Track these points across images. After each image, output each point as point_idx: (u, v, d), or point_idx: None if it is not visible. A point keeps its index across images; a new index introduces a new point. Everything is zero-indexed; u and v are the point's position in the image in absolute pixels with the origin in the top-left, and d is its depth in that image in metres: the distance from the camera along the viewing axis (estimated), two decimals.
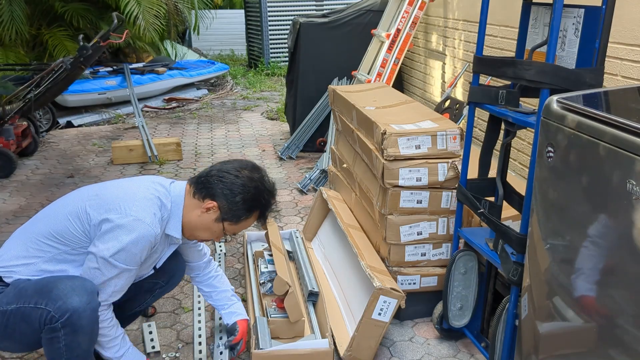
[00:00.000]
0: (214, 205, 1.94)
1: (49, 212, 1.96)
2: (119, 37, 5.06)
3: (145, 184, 1.97)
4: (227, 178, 1.95)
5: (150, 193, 1.92)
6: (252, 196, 1.96)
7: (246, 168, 2.00)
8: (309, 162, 5.18)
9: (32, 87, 4.97)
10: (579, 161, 1.49)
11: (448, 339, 2.57)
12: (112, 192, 1.93)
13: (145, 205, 1.87)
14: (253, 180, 1.97)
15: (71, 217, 1.86)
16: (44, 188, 4.58)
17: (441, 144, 2.49)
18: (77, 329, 1.77)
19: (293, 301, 2.42)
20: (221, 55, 12.42)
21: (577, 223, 1.51)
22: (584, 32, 1.93)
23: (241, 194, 1.94)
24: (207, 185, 1.95)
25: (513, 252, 2.02)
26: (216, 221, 1.97)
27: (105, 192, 1.94)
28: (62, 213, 1.89)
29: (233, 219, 1.98)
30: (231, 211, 1.95)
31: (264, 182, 2.00)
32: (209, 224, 1.98)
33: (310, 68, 5.29)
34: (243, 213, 1.97)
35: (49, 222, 1.90)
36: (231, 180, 1.94)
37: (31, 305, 1.76)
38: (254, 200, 1.97)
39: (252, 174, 1.98)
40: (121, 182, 2.03)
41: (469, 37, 4.51)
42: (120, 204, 1.85)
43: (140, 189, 1.93)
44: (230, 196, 1.93)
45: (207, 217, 1.96)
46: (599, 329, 1.44)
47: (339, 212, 3.02)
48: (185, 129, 6.49)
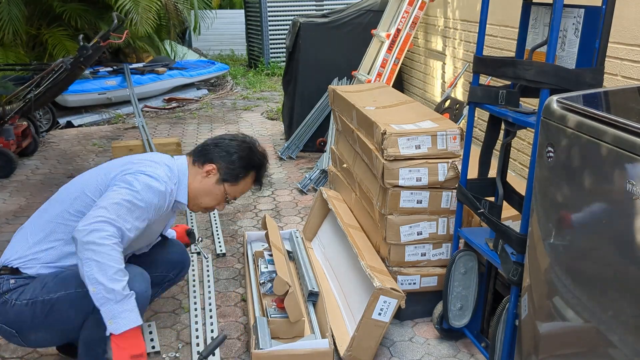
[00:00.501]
0: (213, 167, 2.11)
1: (56, 198, 2.04)
2: (119, 37, 5.06)
3: (151, 154, 2.12)
4: (222, 143, 2.16)
5: (159, 159, 2.07)
6: (247, 155, 2.15)
7: (238, 136, 2.22)
8: (309, 162, 5.18)
9: (32, 87, 4.97)
10: (579, 161, 1.49)
11: (448, 339, 2.57)
12: (121, 161, 2.06)
13: (158, 167, 2.02)
14: (246, 142, 2.19)
15: (87, 190, 1.96)
16: (44, 188, 4.58)
17: (441, 144, 2.49)
18: None
19: (293, 301, 2.42)
20: (221, 55, 12.42)
21: (577, 223, 1.51)
22: (584, 32, 1.93)
23: (237, 152, 2.13)
24: (205, 152, 2.14)
25: (513, 252, 2.02)
26: (217, 183, 2.13)
27: (113, 165, 2.05)
28: (74, 192, 1.97)
29: (232, 179, 2.14)
30: (230, 170, 2.12)
31: (256, 144, 2.22)
32: (210, 188, 2.13)
33: (310, 68, 5.28)
34: (241, 171, 2.14)
35: (61, 205, 1.97)
36: (226, 143, 2.15)
37: (87, 289, 1.73)
38: (249, 159, 2.16)
39: (244, 138, 2.21)
40: (125, 157, 2.14)
41: (469, 37, 4.51)
42: (134, 166, 1.98)
43: (149, 156, 2.09)
44: (227, 157, 2.12)
45: (208, 181, 2.12)
46: (599, 329, 1.44)
47: (339, 212, 3.02)
48: (185, 129, 6.49)
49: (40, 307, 1.85)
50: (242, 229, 3.77)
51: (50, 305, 1.85)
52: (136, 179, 1.92)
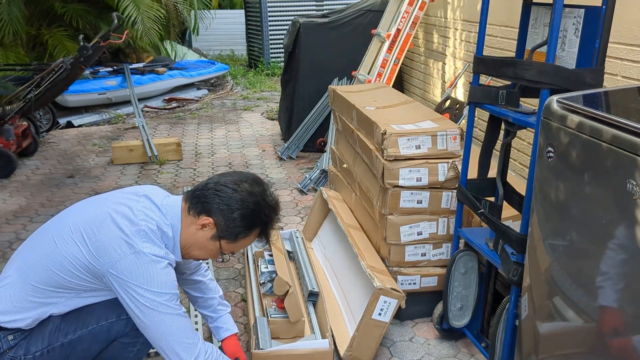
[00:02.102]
0: (209, 221, 1.77)
1: (48, 262, 1.74)
2: (119, 37, 5.06)
3: (139, 207, 1.77)
4: (224, 192, 1.77)
5: (151, 224, 1.75)
6: (251, 212, 1.78)
7: (246, 181, 1.81)
8: (309, 162, 5.18)
9: (32, 87, 4.97)
10: (579, 161, 1.49)
11: (448, 339, 2.57)
12: (111, 230, 1.72)
13: (150, 239, 1.73)
14: (253, 195, 1.79)
15: (79, 270, 1.72)
16: (44, 188, 4.58)
17: (441, 144, 2.49)
18: None
19: (293, 301, 2.42)
20: (221, 55, 12.42)
21: (577, 223, 1.51)
22: (584, 32, 1.93)
23: (239, 209, 1.76)
24: (203, 200, 1.78)
25: (513, 252, 2.02)
26: (212, 239, 1.80)
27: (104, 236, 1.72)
28: (65, 267, 1.72)
29: (230, 237, 1.80)
30: (228, 229, 1.78)
31: (265, 196, 1.82)
32: (204, 242, 1.81)
33: (310, 68, 5.28)
34: (241, 231, 1.79)
35: (53, 274, 1.73)
36: (229, 194, 1.77)
37: (111, 320, 1.75)
38: (254, 217, 1.79)
39: (252, 188, 1.80)
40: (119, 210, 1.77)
41: (469, 37, 4.51)
42: (127, 241, 1.70)
43: (140, 220, 1.74)
44: (227, 212, 1.76)
45: (202, 235, 1.79)
46: (599, 329, 1.44)
47: (339, 212, 3.02)
48: (186, 129, 6.49)
49: (59, 351, 1.76)
50: None
51: (72, 347, 1.77)
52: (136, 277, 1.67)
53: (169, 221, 1.79)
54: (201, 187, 1.83)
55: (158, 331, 1.70)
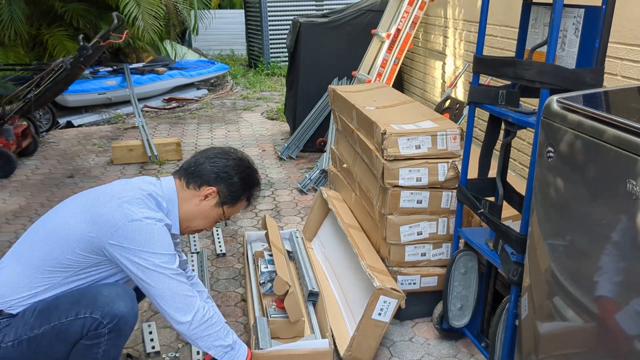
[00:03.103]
0: (212, 190, 1.97)
1: (47, 239, 1.85)
2: (119, 37, 5.06)
3: (136, 185, 1.92)
4: (218, 162, 1.98)
5: (142, 193, 1.88)
6: (247, 175, 2.03)
7: (229, 152, 2.05)
8: (309, 162, 5.18)
9: (32, 87, 4.97)
10: (579, 161, 1.49)
11: (448, 339, 2.57)
12: (108, 204, 1.84)
13: (146, 204, 1.86)
14: (242, 160, 2.04)
15: (77, 244, 1.80)
16: (44, 188, 4.58)
17: (441, 144, 2.49)
18: (121, 334, 1.82)
19: (293, 301, 2.42)
20: (221, 55, 12.42)
21: (577, 223, 1.51)
22: (584, 32, 1.93)
23: (238, 174, 1.99)
24: (200, 173, 1.97)
25: (513, 252, 2.02)
26: (215, 206, 2.00)
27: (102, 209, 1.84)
28: (64, 241, 1.82)
29: (232, 201, 2.02)
30: (230, 193, 1.99)
31: (250, 160, 2.09)
32: (207, 211, 2.00)
33: (310, 68, 5.28)
34: (241, 193, 2.03)
35: (52, 251, 1.82)
36: (223, 163, 1.99)
37: (70, 318, 1.76)
38: (249, 178, 2.04)
39: (237, 154, 2.06)
40: (113, 188, 1.94)
41: (469, 37, 4.51)
42: (124, 210, 1.81)
43: (134, 191, 1.88)
44: (227, 178, 1.98)
45: (206, 205, 1.99)
46: (599, 329, 1.44)
47: (339, 212, 3.02)
48: (185, 129, 6.49)
49: (27, 345, 1.78)
50: (242, 229, 3.77)
51: (37, 342, 1.78)
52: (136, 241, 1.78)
53: (164, 193, 1.95)
54: (192, 163, 2.02)
55: (159, 291, 1.81)
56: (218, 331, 1.91)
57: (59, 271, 1.82)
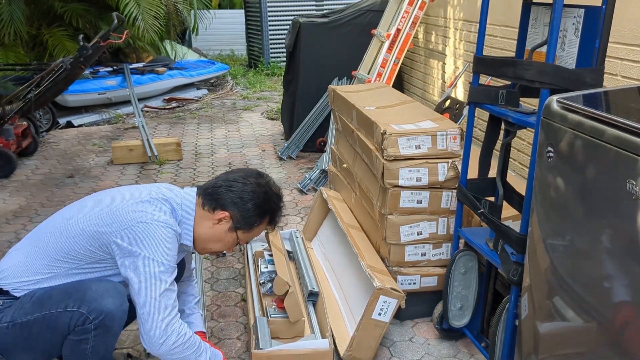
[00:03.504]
0: (225, 215, 1.95)
1: (61, 228, 1.90)
2: (119, 37, 5.06)
3: (156, 189, 1.96)
4: (235, 187, 1.96)
5: (160, 195, 1.91)
6: (262, 201, 1.97)
7: (252, 175, 2.01)
8: (309, 162, 5.18)
9: (32, 87, 4.97)
10: (579, 161, 1.49)
11: (448, 339, 2.57)
12: (124, 202, 1.90)
13: (160, 208, 1.88)
14: (261, 186, 1.98)
15: (86, 237, 1.83)
16: (44, 188, 4.58)
17: (441, 144, 2.49)
18: (109, 331, 1.81)
19: (293, 301, 2.42)
20: (221, 55, 12.42)
21: (577, 223, 1.51)
22: (584, 32, 1.93)
23: (252, 200, 1.95)
24: (216, 196, 1.96)
25: (513, 252, 2.02)
26: (229, 231, 1.98)
27: (118, 204, 1.89)
28: (75, 232, 1.85)
29: (246, 227, 1.99)
30: (244, 219, 1.96)
31: (271, 186, 2.02)
32: (221, 235, 1.98)
33: (310, 68, 5.28)
34: (255, 220, 1.98)
35: (62, 240, 1.86)
36: (240, 188, 1.95)
37: (59, 310, 1.77)
38: (265, 205, 1.98)
39: (259, 180, 2.00)
40: (135, 188, 2.00)
41: (469, 37, 4.51)
42: (137, 210, 1.84)
43: (150, 192, 1.92)
44: (241, 204, 1.94)
45: (219, 228, 1.97)
46: (599, 329, 1.44)
47: (339, 212, 3.02)
48: (185, 129, 6.49)
49: (20, 329, 1.80)
50: None
51: (28, 328, 1.80)
52: (159, 260, 1.79)
53: (182, 202, 1.96)
54: (212, 184, 2.00)
55: (143, 298, 1.79)
56: (189, 356, 1.88)
57: (64, 261, 1.85)
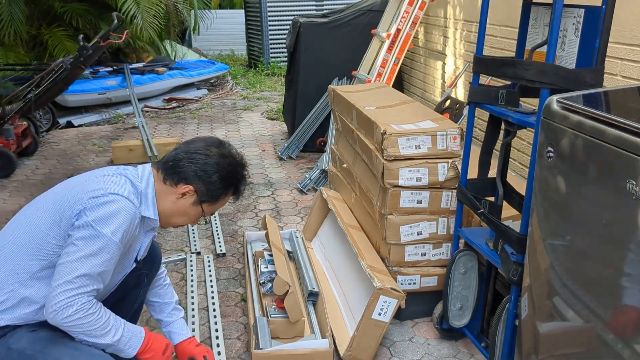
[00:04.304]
0: (189, 189, 1.85)
1: (13, 233, 1.80)
2: (119, 37, 5.06)
3: (107, 169, 1.87)
4: (197, 159, 1.86)
5: (117, 173, 1.83)
6: (227, 173, 1.89)
7: (213, 145, 1.92)
8: (309, 162, 5.18)
9: (32, 87, 4.96)
10: (579, 161, 1.49)
11: (448, 339, 2.57)
12: (78, 182, 1.81)
13: (118, 182, 1.78)
14: (225, 156, 1.90)
15: (45, 227, 1.73)
16: (44, 188, 4.56)
17: (441, 144, 2.49)
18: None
19: (293, 301, 2.42)
20: (221, 55, 12.42)
21: (577, 223, 1.51)
22: (584, 32, 1.93)
23: (217, 172, 1.86)
24: (178, 170, 1.86)
25: (513, 252, 2.02)
26: (194, 205, 1.88)
27: (71, 186, 1.81)
28: (33, 229, 1.75)
29: (211, 199, 1.90)
30: (209, 192, 1.87)
31: (234, 155, 1.94)
32: (185, 209, 1.89)
33: (310, 68, 5.28)
34: (221, 192, 1.90)
35: (20, 242, 1.75)
36: (202, 160, 1.86)
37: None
38: (230, 177, 1.90)
39: (222, 150, 1.91)
40: (84, 174, 1.90)
41: (469, 37, 4.51)
42: (92, 186, 1.74)
43: (106, 171, 1.84)
44: (205, 177, 1.85)
45: (183, 203, 1.87)
46: (599, 329, 1.44)
47: (339, 212, 3.02)
48: (185, 129, 6.49)
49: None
50: (242, 229, 3.77)
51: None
52: (102, 215, 1.67)
53: (140, 176, 1.86)
54: (172, 157, 1.90)
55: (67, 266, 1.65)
56: (93, 333, 1.70)
57: (29, 261, 1.73)
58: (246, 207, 4.14)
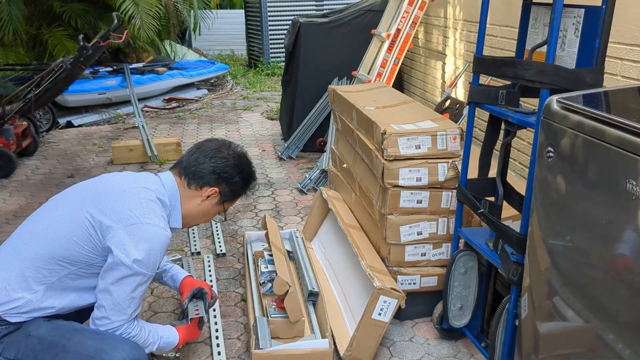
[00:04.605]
0: (214, 191, 2.01)
1: (42, 230, 1.84)
2: (118, 37, 5.06)
3: (141, 184, 1.92)
4: (219, 162, 2.00)
5: (151, 194, 1.89)
6: (247, 172, 2.08)
7: (224, 147, 2.06)
8: (309, 162, 5.18)
9: (32, 87, 4.96)
10: (579, 161, 1.49)
11: (448, 339, 2.57)
12: (115, 198, 1.85)
13: (153, 208, 1.86)
14: (240, 157, 2.07)
15: (76, 237, 1.79)
16: (44, 188, 4.58)
17: (441, 144, 2.49)
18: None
19: (293, 301, 2.42)
20: (221, 55, 12.42)
21: (577, 223, 1.51)
22: (584, 32, 1.93)
23: (239, 173, 2.03)
24: (201, 174, 1.99)
25: (513, 252, 2.02)
26: (217, 204, 2.06)
27: (108, 200, 1.85)
28: (63, 233, 1.80)
29: (232, 198, 2.08)
30: (232, 192, 2.05)
31: (246, 153, 2.13)
32: (209, 210, 2.05)
33: (310, 68, 5.28)
34: (242, 190, 2.09)
35: (47, 243, 1.80)
36: (223, 162, 2.01)
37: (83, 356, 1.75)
38: (248, 175, 2.09)
39: (235, 150, 2.08)
40: (117, 184, 1.94)
41: (469, 37, 4.51)
42: (131, 210, 1.81)
43: (140, 192, 1.88)
44: (228, 179, 2.01)
45: (207, 204, 2.03)
46: (599, 329, 1.44)
47: (339, 212, 3.02)
48: (185, 129, 6.49)
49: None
50: (242, 229, 3.77)
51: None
52: (141, 255, 1.77)
53: (166, 190, 1.96)
54: (192, 162, 2.01)
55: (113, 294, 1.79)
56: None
57: (56, 267, 1.79)
58: (246, 207, 4.14)
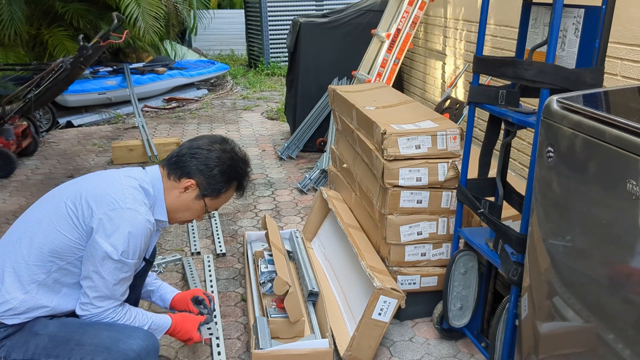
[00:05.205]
0: (191, 183, 1.92)
1: (29, 228, 1.82)
2: (119, 37, 5.06)
3: (124, 173, 1.93)
4: (199, 154, 1.93)
5: (134, 181, 1.88)
6: (228, 167, 1.95)
7: (216, 141, 1.99)
8: (309, 162, 5.18)
9: (32, 87, 4.97)
10: (579, 161, 1.49)
11: (448, 339, 2.57)
12: (96, 187, 1.84)
13: (134, 195, 1.83)
14: (226, 152, 1.97)
15: (60, 227, 1.77)
16: (44, 188, 4.57)
17: (441, 143, 2.49)
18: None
19: (293, 301, 2.42)
20: (221, 55, 12.42)
21: (577, 223, 1.51)
22: (584, 32, 1.93)
23: (217, 166, 1.93)
24: (181, 165, 1.93)
25: (513, 252, 2.02)
26: (196, 199, 1.95)
27: (89, 189, 1.84)
28: (48, 226, 1.78)
29: (213, 194, 1.96)
30: (210, 186, 1.94)
31: (237, 152, 2.01)
32: (189, 203, 1.96)
33: (311, 68, 5.29)
34: (222, 186, 1.96)
35: (35, 239, 1.78)
36: (204, 154, 1.93)
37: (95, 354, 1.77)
38: (231, 171, 1.96)
39: (224, 146, 1.98)
40: (100, 175, 1.95)
41: (469, 37, 4.51)
42: (111, 196, 1.80)
43: (123, 179, 1.88)
44: (206, 171, 1.92)
45: (186, 197, 1.94)
46: (599, 329, 1.44)
47: (339, 212, 3.02)
48: (185, 129, 6.49)
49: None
50: (242, 229, 3.77)
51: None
52: (124, 244, 1.75)
53: (150, 179, 1.92)
54: (176, 153, 1.97)
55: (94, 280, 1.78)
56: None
57: (46, 262, 1.77)
58: (246, 207, 4.14)
